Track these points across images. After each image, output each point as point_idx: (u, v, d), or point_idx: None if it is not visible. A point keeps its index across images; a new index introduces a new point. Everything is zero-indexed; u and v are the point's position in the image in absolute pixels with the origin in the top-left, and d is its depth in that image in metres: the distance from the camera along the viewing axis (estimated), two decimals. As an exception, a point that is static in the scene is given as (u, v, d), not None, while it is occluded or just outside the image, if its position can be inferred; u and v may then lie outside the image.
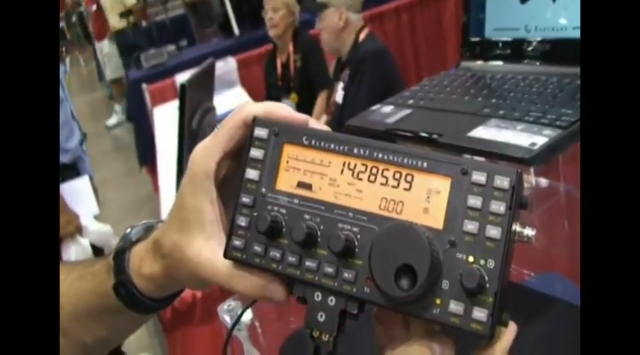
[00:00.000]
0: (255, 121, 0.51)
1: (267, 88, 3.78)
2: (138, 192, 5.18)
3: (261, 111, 0.51)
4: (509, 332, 0.45)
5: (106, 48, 7.35)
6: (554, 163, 0.97)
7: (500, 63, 0.92)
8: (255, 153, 0.50)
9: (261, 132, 0.50)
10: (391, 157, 0.46)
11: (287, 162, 0.49)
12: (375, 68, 2.85)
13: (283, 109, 0.52)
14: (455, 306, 0.42)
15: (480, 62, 0.94)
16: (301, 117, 0.52)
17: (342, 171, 0.47)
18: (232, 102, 3.44)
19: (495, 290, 0.42)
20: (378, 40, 3.05)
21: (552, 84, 0.80)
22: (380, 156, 0.46)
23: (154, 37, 5.49)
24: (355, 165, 0.47)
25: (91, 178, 2.70)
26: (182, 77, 2.75)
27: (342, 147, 0.48)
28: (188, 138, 2.15)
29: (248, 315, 0.91)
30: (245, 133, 0.51)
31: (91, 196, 2.66)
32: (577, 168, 0.89)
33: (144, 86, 4.33)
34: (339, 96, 3.03)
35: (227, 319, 0.89)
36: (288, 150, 0.49)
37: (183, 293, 1.74)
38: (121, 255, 0.57)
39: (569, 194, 0.98)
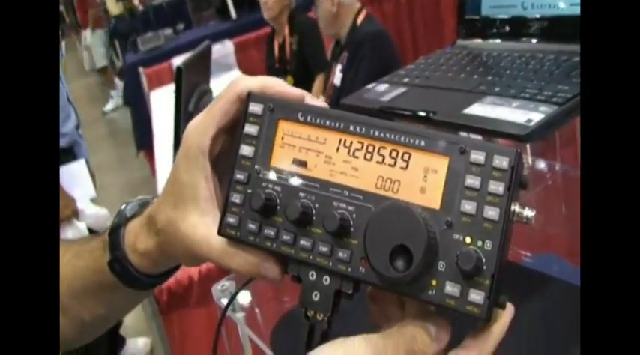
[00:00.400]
0: (250, 96, 0.49)
1: (267, 71, 3.77)
2: (135, 177, 5.18)
3: (256, 85, 0.50)
4: (506, 314, 0.44)
5: (88, 38, 7.32)
6: (551, 143, 0.96)
7: (496, 41, 0.91)
8: (250, 129, 0.49)
9: (255, 107, 0.49)
10: (388, 135, 0.45)
11: (282, 138, 0.48)
12: (373, 51, 2.83)
13: (278, 84, 0.51)
14: (451, 288, 0.41)
15: (476, 40, 0.93)
16: (297, 92, 0.51)
17: (337, 149, 0.46)
18: (230, 85, 3.42)
19: (492, 272, 0.40)
20: (376, 23, 3.03)
21: (549, 61, 0.79)
22: (377, 133, 0.45)
23: (151, 20, 5.47)
24: (351, 143, 0.46)
25: (87, 162, 2.69)
26: (179, 61, 2.74)
27: (338, 124, 0.46)
28: (184, 121, 2.13)
29: (247, 298, 0.91)
30: (240, 108, 0.50)
31: (87, 180, 2.65)
32: (574, 149, 0.89)
33: (141, 70, 4.32)
34: (337, 78, 3.02)
35: (222, 300, 0.88)
36: (283, 127, 0.48)
37: (180, 276, 1.75)
38: (116, 231, 0.57)
39: (566, 174, 0.98)
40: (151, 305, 1.81)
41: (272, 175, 0.48)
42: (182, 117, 2.13)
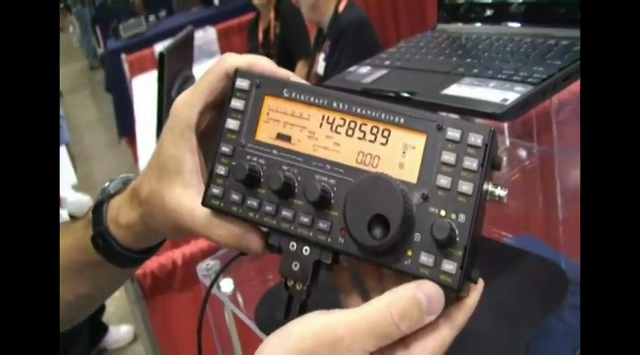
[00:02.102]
0: (238, 73, 0.51)
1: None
2: (117, 164, 5.15)
3: (244, 63, 0.51)
4: (478, 289, 0.45)
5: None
6: (529, 125, 0.98)
7: (476, 25, 0.92)
8: (236, 103, 0.51)
9: (242, 83, 0.51)
10: (369, 112, 0.46)
11: (267, 113, 0.50)
12: (355, 39, 2.83)
13: (265, 63, 0.52)
14: (425, 258, 0.43)
15: (456, 24, 0.95)
16: (283, 71, 0.52)
17: (321, 125, 0.48)
18: (212, 72, 3.40)
19: (465, 243, 0.42)
20: (357, 9, 3.03)
21: (526, 44, 0.80)
22: (358, 110, 0.47)
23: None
24: (334, 119, 0.47)
25: (67, 146, 2.67)
26: (161, 47, 2.73)
27: (321, 101, 0.48)
28: (167, 107, 2.13)
29: (230, 286, 0.91)
30: (227, 85, 0.52)
31: (68, 167, 2.64)
32: (551, 131, 0.90)
33: (123, 56, 4.29)
34: (320, 67, 3.02)
35: (207, 280, 0.89)
36: (269, 102, 0.50)
37: (164, 260, 1.73)
38: (99, 207, 0.58)
39: (543, 156, 1.00)
40: (134, 291, 1.81)
41: (256, 148, 0.50)
42: (165, 103, 2.12)
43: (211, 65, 0.53)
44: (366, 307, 0.42)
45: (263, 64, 0.52)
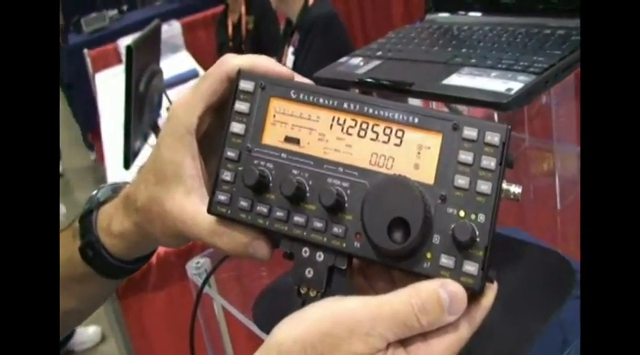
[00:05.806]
0: (241, 74, 0.49)
1: (218, 48, 3.71)
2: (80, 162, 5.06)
3: (246, 63, 0.49)
4: (494, 288, 0.45)
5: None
6: (520, 116, 0.98)
7: (466, 14, 0.91)
8: (241, 106, 0.49)
9: (246, 85, 0.49)
10: (381, 112, 0.46)
11: (274, 116, 0.48)
12: (324, 33, 2.82)
13: (268, 62, 0.50)
14: (446, 260, 0.42)
15: (445, 14, 0.94)
16: (287, 71, 0.50)
17: (331, 126, 0.47)
18: (178, 66, 3.39)
19: (486, 244, 0.42)
20: (327, 4, 3.01)
21: (521, 34, 0.80)
22: (370, 111, 0.46)
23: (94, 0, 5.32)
24: (345, 120, 0.46)
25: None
26: (125, 41, 2.67)
27: (331, 102, 0.47)
28: (135, 102, 2.09)
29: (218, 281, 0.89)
30: (228, 87, 0.50)
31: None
32: (542, 121, 0.90)
33: (85, 51, 4.21)
34: (289, 61, 3.00)
35: (196, 278, 0.87)
36: (275, 104, 0.48)
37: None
38: (87, 216, 0.55)
39: (533, 146, 0.99)
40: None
41: (264, 152, 0.48)
42: (133, 97, 2.08)
43: (211, 67, 0.51)
44: (386, 296, 0.41)
45: (266, 63, 0.50)
